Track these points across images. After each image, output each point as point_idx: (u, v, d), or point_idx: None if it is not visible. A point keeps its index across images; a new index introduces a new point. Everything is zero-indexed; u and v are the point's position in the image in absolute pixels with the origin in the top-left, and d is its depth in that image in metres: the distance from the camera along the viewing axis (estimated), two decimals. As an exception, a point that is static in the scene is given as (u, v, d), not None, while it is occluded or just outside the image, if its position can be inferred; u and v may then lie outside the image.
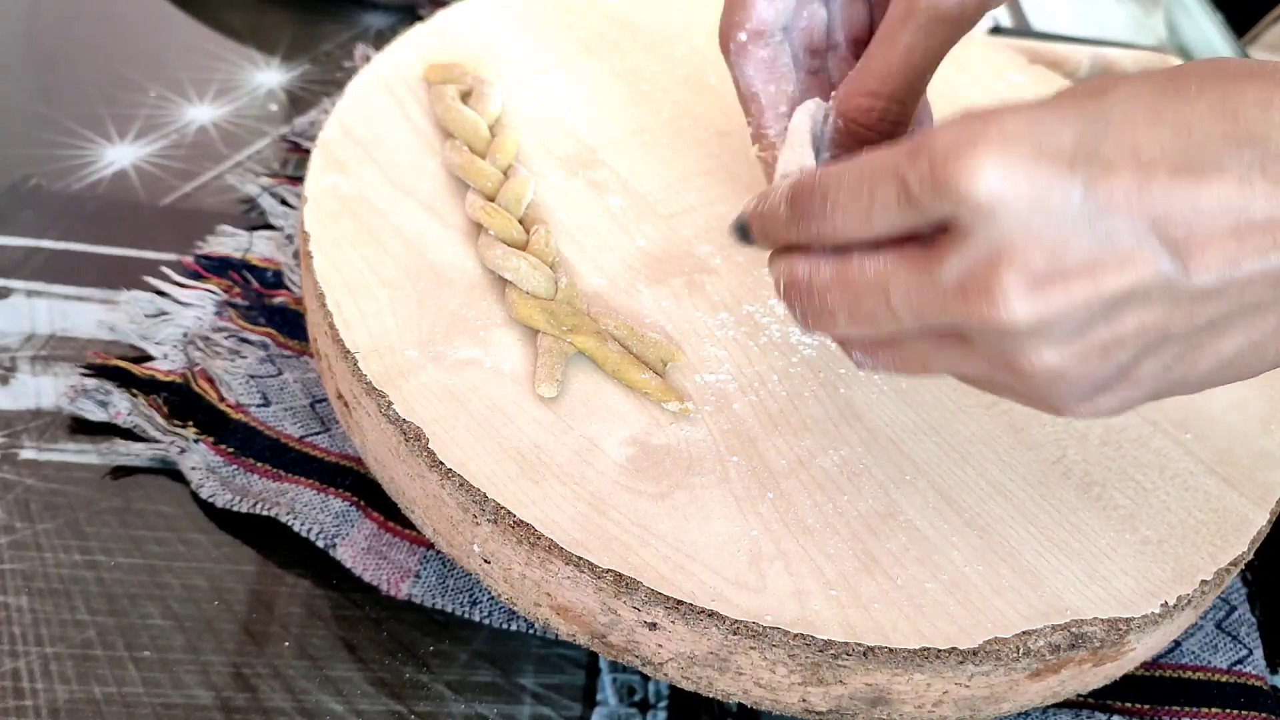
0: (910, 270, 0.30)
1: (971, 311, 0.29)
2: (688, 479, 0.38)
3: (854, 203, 0.31)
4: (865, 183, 0.30)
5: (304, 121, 0.60)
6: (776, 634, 0.34)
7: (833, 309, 0.32)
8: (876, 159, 0.30)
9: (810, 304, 0.33)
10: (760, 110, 0.43)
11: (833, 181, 0.31)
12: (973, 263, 0.29)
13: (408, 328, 0.41)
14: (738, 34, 0.42)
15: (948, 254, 0.29)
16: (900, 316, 0.31)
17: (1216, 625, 0.44)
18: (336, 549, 0.42)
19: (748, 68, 0.43)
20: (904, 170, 0.29)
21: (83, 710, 0.37)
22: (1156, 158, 0.27)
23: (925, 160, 0.28)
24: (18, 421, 0.45)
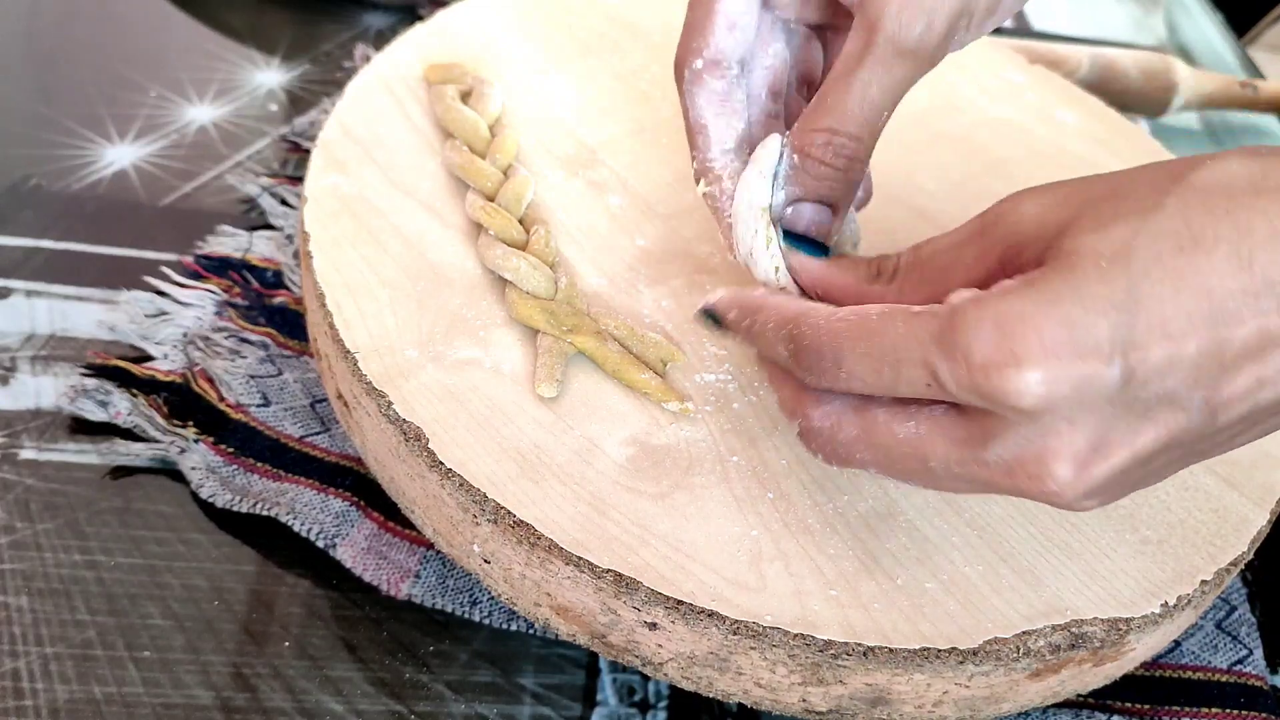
0: (950, 444, 0.31)
1: (1020, 488, 0.31)
2: (688, 479, 0.38)
3: (874, 376, 0.31)
4: (888, 362, 0.31)
5: (304, 121, 0.60)
6: (776, 634, 0.34)
7: (862, 462, 0.34)
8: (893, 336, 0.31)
9: (835, 454, 0.34)
10: (707, 143, 0.41)
11: (846, 349, 0.32)
12: (1019, 451, 0.30)
13: (408, 328, 0.41)
14: (693, 61, 0.41)
15: (993, 439, 0.30)
16: (939, 476, 0.32)
17: (1216, 625, 0.44)
18: (336, 549, 0.42)
19: (699, 97, 0.41)
20: (935, 364, 0.30)
21: (83, 710, 0.37)
22: (1184, 329, 0.29)
23: (962, 365, 0.29)
24: (18, 421, 0.45)
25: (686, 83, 0.41)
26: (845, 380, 0.32)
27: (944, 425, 0.32)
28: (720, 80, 0.41)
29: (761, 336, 0.35)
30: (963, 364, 0.29)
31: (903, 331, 0.31)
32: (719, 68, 0.41)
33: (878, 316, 0.32)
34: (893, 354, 0.31)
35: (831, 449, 0.34)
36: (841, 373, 0.32)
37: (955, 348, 0.29)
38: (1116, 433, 0.30)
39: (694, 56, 0.41)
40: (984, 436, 0.31)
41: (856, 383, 0.32)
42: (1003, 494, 0.32)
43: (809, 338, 0.33)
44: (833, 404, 0.34)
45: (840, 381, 0.32)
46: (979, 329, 0.29)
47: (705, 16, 0.40)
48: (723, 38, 0.40)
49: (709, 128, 0.41)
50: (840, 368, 0.32)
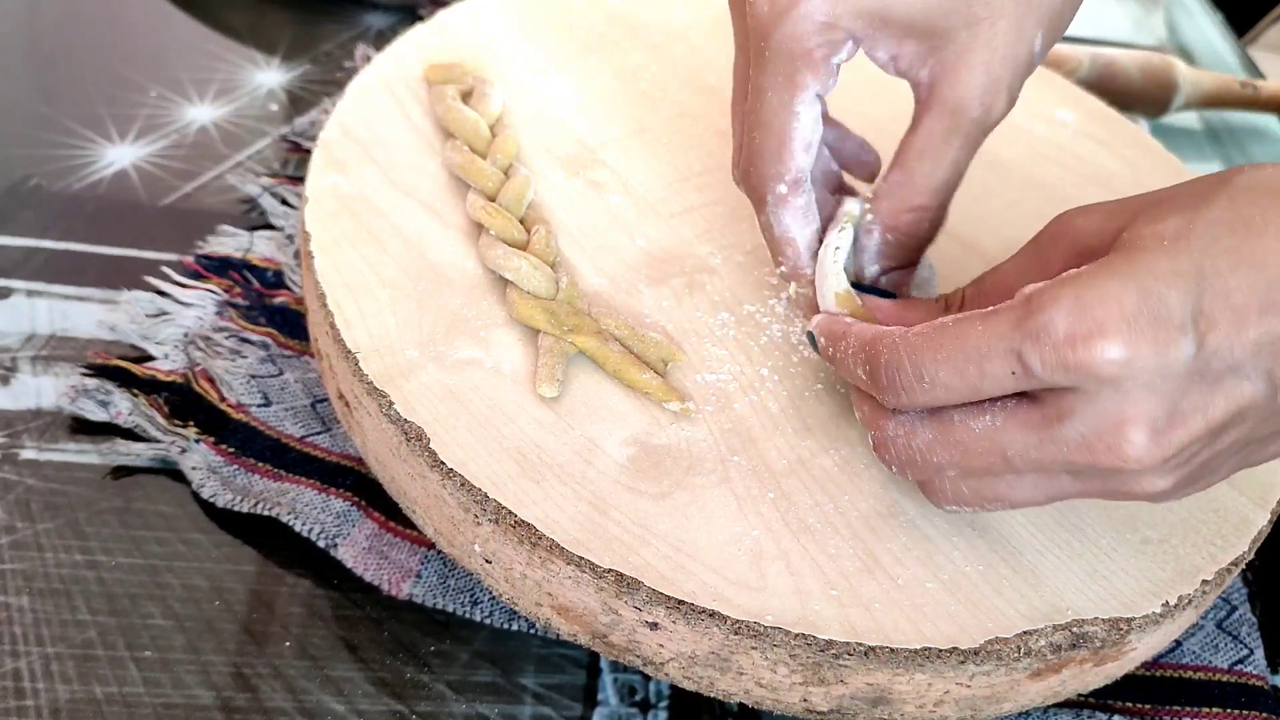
0: (1026, 429, 0.33)
1: (1098, 461, 0.32)
2: (688, 479, 0.38)
3: (957, 378, 0.33)
4: (970, 360, 0.32)
5: (304, 121, 0.60)
6: (778, 634, 0.34)
7: (939, 465, 0.35)
8: (975, 336, 0.32)
9: (912, 462, 0.36)
10: (798, 254, 0.42)
11: (926, 357, 0.33)
12: (1098, 422, 0.32)
13: (408, 328, 0.41)
14: (776, 186, 0.41)
15: (1070, 415, 0.32)
16: (1017, 468, 0.34)
17: (1217, 625, 0.44)
18: (337, 549, 0.42)
19: (785, 216, 0.41)
20: (1020, 349, 0.31)
21: (84, 710, 0.37)
22: (1247, 301, 0.31)
23: (1048, 344, 0.31)
24: (18, 421, 0.45)
25: (771, 206, 0.41)
26: (928, 390, 0.33)
27: (1019, 413, 0.33)
28: (801, 196, 0.41)
29: (841, 361, 0.37)
30: (1048, 342, 0.31)
31: (982, 329, 0.32)
32: (800, 186, 0.41)
33: (953, 322, 0.33)
34: (975, 352, 0.32)
35: (907, 455, 0.35)
36: (924, 383, 0.33)
37: (1039, 329, 0.31)
38: (1190, 401, 0.31)
39: (776, 182, 0.41)
40: (1060, 416, 0.32)
41: (940, 390, 0.33)
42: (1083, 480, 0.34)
43: (886, 355, 0.34)
44: (906, 414, 0.35)
45: (922, 393, 0.33)
46: (1059, 307, 0.31)
47: (781, 143, 0.40)
48: (801, 159, 0.41)
49: (798, 240, 0.42)
50: (922, 378, 0.33)
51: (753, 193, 0.42)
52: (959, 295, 0.39)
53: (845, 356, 0.37)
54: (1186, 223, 0.31)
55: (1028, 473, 0.34)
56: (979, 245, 0.49)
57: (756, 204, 0.42)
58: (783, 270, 0.43)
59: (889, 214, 0.41)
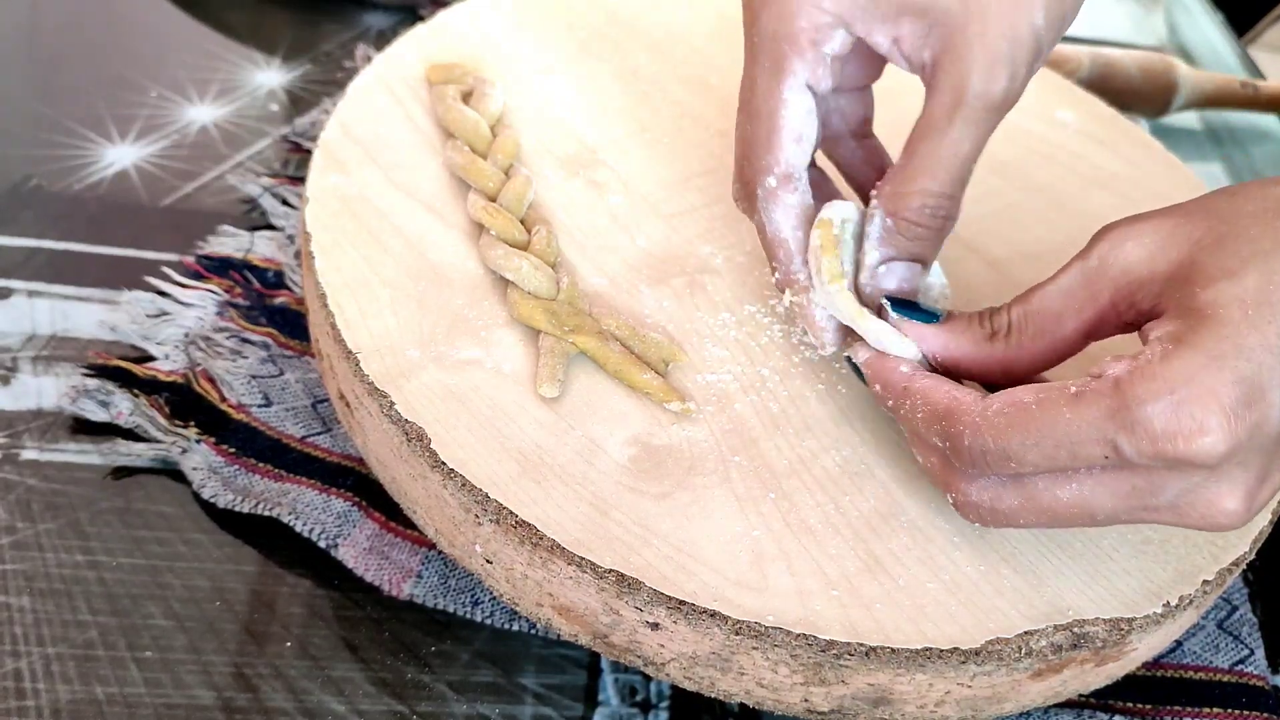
0: (1116, 497, 0.33)
1: (1186, 523, 0.33)
2: (689, 479, 0.38)
3: (1046, 462, 0.33)
4: (1062, 448, 0.32)
5: (305, 122, 0.60)
6: (779, 634, 0.34)
7: (1025, 524, 0.35)
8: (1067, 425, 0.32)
9: (995, 520, 0.35)
10: (789, 256, 0.41)
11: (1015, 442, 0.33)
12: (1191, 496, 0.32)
13: (409, 328, 0.41)
14: (766, 179, 0.40)
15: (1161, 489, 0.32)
16: (1101, 522, 0.34)
17: (1218, 625, 0.44)
18: (338, 549, 0.42)
19: (775, 214, 0.40)
20: (1115, 439, 0.31)
21: (84, 710, 0.37)
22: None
23: (1145, 439, 0.31)
24: (19, 422, 0.45)
25: (761, 201, 0.40)
26: (1014, 469, 0.33)
27: (1108, 482, 0.33)
28: (794, 194, 0.40)
29: (910, 422, 0.36)
30: (1146, 438, 0.31)
31: (1071, 418, 0.32)
32: (791, 181, 0.40)
33: (1037, 406, 0.33)
34: (1067, 440, 0.32)
35: (992, 518, 0.35)
36: (1010, 463, 0.33)
37: (1135, 424, 0.31)
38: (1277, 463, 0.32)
39: (765, 175, 0.40)
40: (1152, 489, 0.32)
41: (1027, 469, 0.33)
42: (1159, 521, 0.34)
43: (969, 438, 0.34)
44: (988, 479, 0.35)
45: (1006, 470, 0.34)
46: (1156, 403, 0.31)
47: (770, 133, 0.40)
48: (791, 152, 0.40)
49: (789, 241, 0.41)
50: (1007, 458, 0.33)
51: (744, 190, 0.41)
52: (1005, 319, 0.37)
53: (913, 418, 0.36)
54: (1264, 279, 0.31)
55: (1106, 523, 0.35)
56: (980, 246, 0.49)
57: (749, 202, 0.41)
58: (776, 277, 0.41)
59: (890, 197, 0.39)
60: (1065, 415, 0.32)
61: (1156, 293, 0.33)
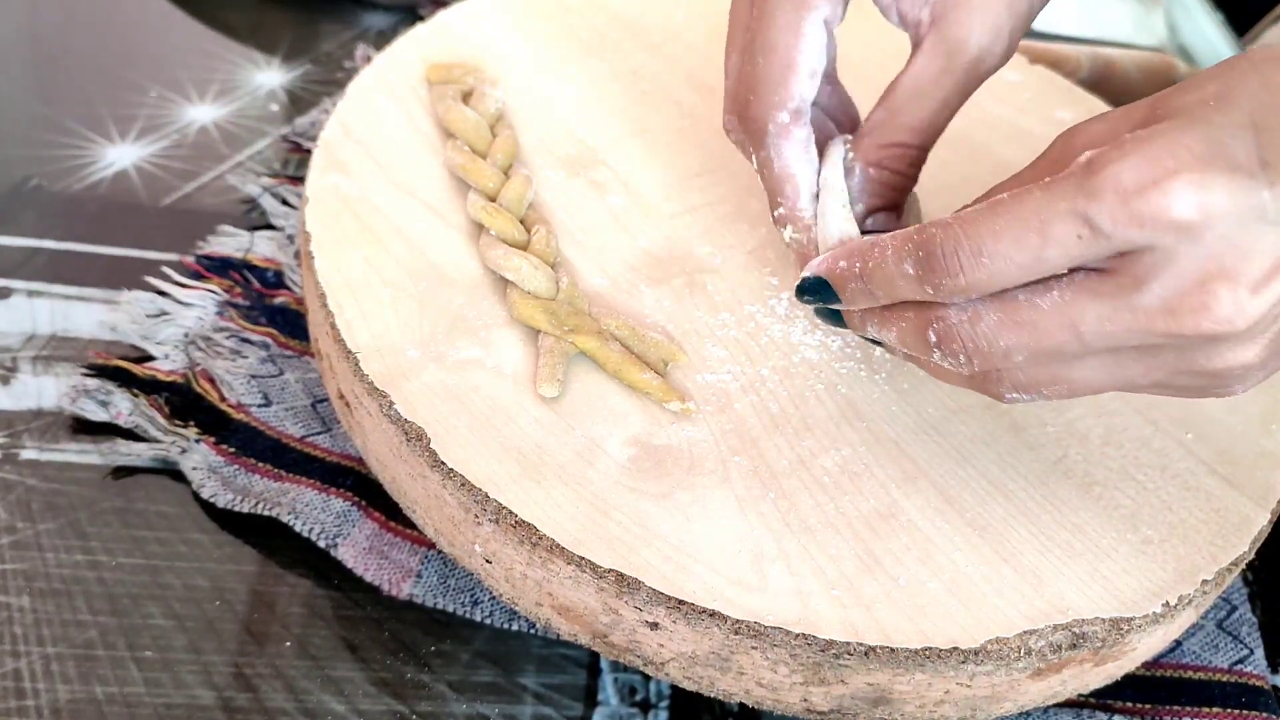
0: (1098, 300, 0.31)
1: (1184, 328, 0.30)
2: (689, 479, 0.38)
3: (1018, 248, 0.31)
4: (1031, 228, 0.31)
5: (305, 121, 0.60)
6: (778, 634, 0.34)
7: (1007, 349, 0.33)
8: (1033, 201, 0.31)
9: (978, 350, 0.33)
10: (796, 192, 0.40)
11: (985, 230, 0.31)
12: (1179, 283, 0.30)
13: (409, 328, 0.41)
14: (778, 114, 0.40)
15: (1147, 279, 0.30)
16: (1090, 344, 0.32)
17: (1217, 625, 0.44)
18: (338, 549, 0.42)
19: (786, 149, 0.40)
20: (1085, 209, 0.30)
21: (84, 710, 0.37)
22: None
23: (1114, 197, 0.29)
24: (19, 421, 0.45)
25: (772, 136, 0.40)
26: (987, 265, 0.31)
27: (1089, 284, 0.31)
28: (804, 129, 0.40)
29: (880, 268, 0.34)
30: (1117, 196, 0.29)
31: (1041, 195, 0.31)
32: (802, 116, 0.40)
33: (1010, 196, 0.31)
34: (1036, 218, 0.30)
35: (974, 344, 0.33)
36: (983, 258, 0.31)
37: (1105, 183, 0.29)
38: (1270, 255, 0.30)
39: (778, 110, 0.40)
40: (1136, 281, 0.30)
41: (1000, 263, 0.31)
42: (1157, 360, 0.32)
43: (940, 237, 0.32)
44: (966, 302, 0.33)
45: (981, 270, 0.31)
46: (1125, 161, 0.29)
47: (787, 68, 0.39)
48: (805, 87, 0.40)
49: (798, 176, 0.40)
50: (980, 253, 0.31)
51: (751, 124, 0.40)
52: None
53: (884, 261, 0.34)
54: (1222, 84, 0.30)
55: (1098, 353, 0.32)
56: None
57: (755, 137, 0.40)
58: (780, 213, 0.41)
59: (870, 150, 0.39)
60: (1035, 195, 0.31)
61: None
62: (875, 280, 0.35)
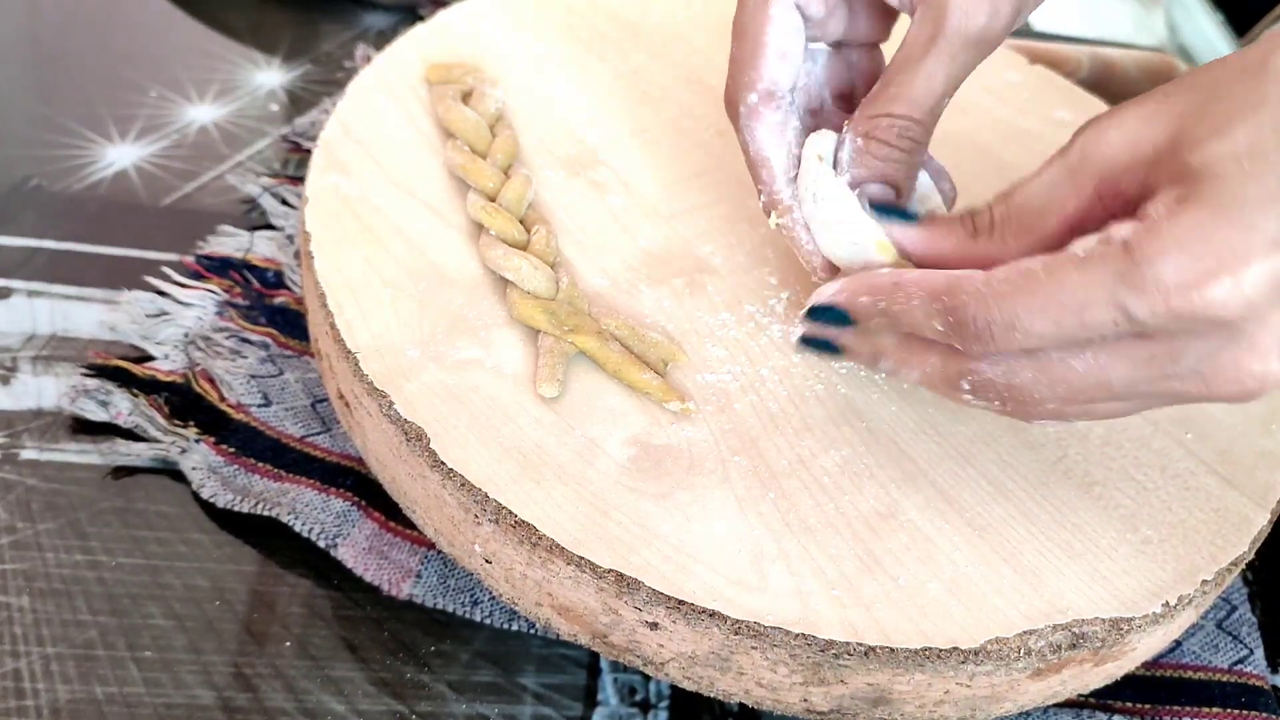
0: (1134, 365, 0.32)
1: (1217, 393, 0.32)
2: (689, 479, 0.38)
3: (1055, 330, 0.31)
4: (1070, 313, 0.31)
5: (305, 121, 0.60)
6: (778, 634, 0.34)
7: (1041, 399, 0.34)
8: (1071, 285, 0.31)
9: (1013, 398, 0.34)
10: (772, 176, 0.41)
11: (1021, 310, 0.32)
12: (1215, 361, 0.31)
13: (409, 328, 0.41)
14: (748, 95, 0.40)
15: (1183, 354, 0.31)
16: (1121, 395, 0.33)
17: (1217, 625, 0.44)
18: (337, 549, 0.42)
19: (758, 131, 0.40)
20: (1124, 300, 0.30)
21: (84, 710, 0.37)
22: None
23: (1157, 295, 0.30)
24: (19, 421, 0.45)
25: (743, 118, 0.40)
26: (1021, 340, 0.32)
27: (1124, 350, 0.32)
28: (777, 111, 0.40)
29: (907, 314, 0.35)
30: (1157, 293, 0.30)
31: (1079, 280, 0.31)
32: (774, 99, 0.40)
33: (1044, 271, 0.32)
34: (1074, 303, 0.31)
35: (1010, 394, 0.34)
36: (1016, 334, 0.32)
37: (1146, 281, 0.30)
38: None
39: (748, 91, 0.40)
40: (1172, 355, 0.31)
41: (1035, 340, 0.32)
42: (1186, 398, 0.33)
43: (973, 308, 0.32)
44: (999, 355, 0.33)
45: (1015, 343, 0.32)
46: (1165, 256, 0.30)
47: (755, 49, 0.40)
48: (775, 68, 0.40)
49: (771, 160, 0.41)
50: (1014, 329, 0.32)
51: (730, 108, 0.41)
52: (987, 216, 0.36)
53: (911, 308, 0.34)
54: (1254, 132, 0.30)
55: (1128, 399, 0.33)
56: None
57: (733, 121, 0.41)
58: (762, 200, 0.41)
59: (860, 120, 0.39)
60: (1073, 278, 0.31)
61: (1142, 177, 0.32)
62: (902, 322, 0.35)
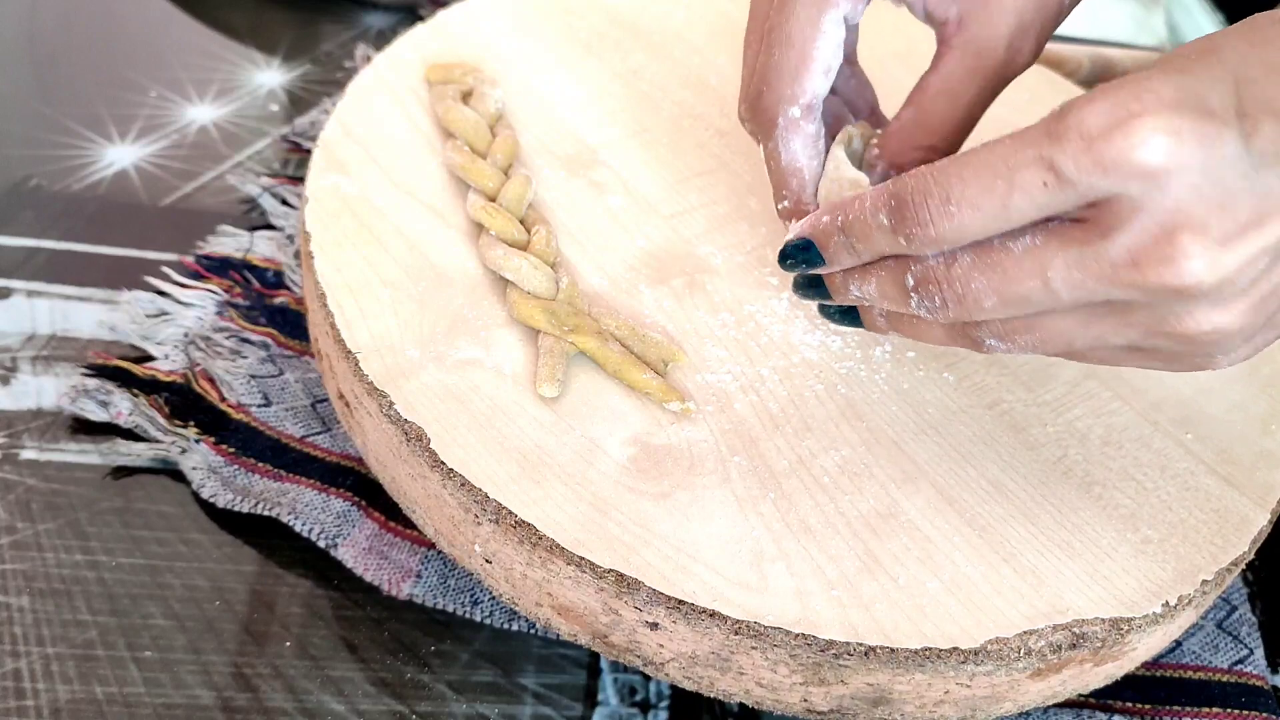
0: (1067, 248, 0.30)
1: (1149, 280, 0.29)
2: (689, 479, 0.38)
3: (986, 196, 0.30)
4: (998, 175, 0.30)
5: (305, 121, 0.60)
6: (778, 634, 0.34)
7: (978, 295, 0.32)
8: (1002, 149, 0.30)
9: (952, 293, 0.33)
10: (802, 185, 0.40)
11: (953, 178, 0.31)
12: (1146, 233, 0.29)
13: (409, 328, 0.41)
14: (790, 109, 0.40)
15: (1114, 228, 0.29)
16: (1059, 293, 0.31)
17: (1217, 625, 0.44)
18: (338, 549, 0.42)
19: (794, 143, 0.40)
20: (1050, 155, 0.29)
21: (84, 710, 0.37)
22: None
23: (1078, 142, 0.29)
24: (19, 421, 0.45)
25: (781, 129, 0.40)
26: (954, 215, 0.31)
27: (1060, 230, 0.31)
28: (814, 124, 0.40)
29: (860, 220, 0.34)
30: (1081, 140, 0.29)
31: (1010, 144, 0.30)
32: (813, 112, 0.40)
33: (982, 146, 0.31)
34: (1003, 164, 0.30)
35: (950, 288, 0.33)
36: (950, 207, 0.31)
37: (1069, 129, 0.29)
38: (1245, 208, 0.29)
39: (790, 104, 0.40)
40: (1103, 229, 0.30)
41: (968, 211, 0.31)
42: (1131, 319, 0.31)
43: (911, 186, 0.32)
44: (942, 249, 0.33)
45: (948, 219, 0.31)
46: (1090, 106, 0.29)
47: (802, 62, 0.39)
48: (819, 82, 0.40)
49: (804, 171, 0.40)
50: (949, 200, 0.31)
51: (762, 116, 0.40)
52: None
53: (862, 214, 0.34)
54: (1208, 42, 0.30)
55: (1071, 308, 0.32)
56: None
57: (765, 129, 0.41)
58: (784, 205, 0.41)
59: (897, 151, 0.39)
60: (1004, 143, 0.30)
61: None
62: (855, 233, 0.34)
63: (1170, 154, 0.28)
